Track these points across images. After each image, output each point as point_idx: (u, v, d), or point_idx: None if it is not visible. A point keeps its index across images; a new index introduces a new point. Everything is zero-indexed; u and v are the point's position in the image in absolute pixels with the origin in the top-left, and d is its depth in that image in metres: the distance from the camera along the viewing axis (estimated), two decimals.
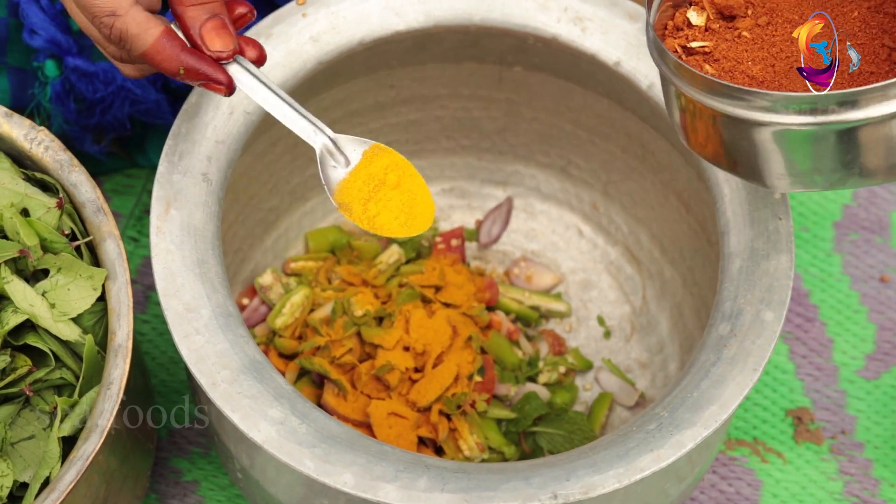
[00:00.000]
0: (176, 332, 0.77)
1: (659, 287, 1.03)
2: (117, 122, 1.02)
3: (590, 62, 0.89)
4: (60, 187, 0.83)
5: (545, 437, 0.96)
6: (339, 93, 0.97)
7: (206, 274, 0.79)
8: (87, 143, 1.03)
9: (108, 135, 1.04)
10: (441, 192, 1.08)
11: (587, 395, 1.01)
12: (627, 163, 1.00)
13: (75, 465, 0.75)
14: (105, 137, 1.04)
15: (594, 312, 1.05)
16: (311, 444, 0.73)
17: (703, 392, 0.76)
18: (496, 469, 0.74)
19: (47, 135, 0.83)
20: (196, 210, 0.81)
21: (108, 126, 1.02)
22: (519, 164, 1.06)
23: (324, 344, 0.94)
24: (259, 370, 0.76)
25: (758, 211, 0.82)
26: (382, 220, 0.76)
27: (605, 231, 1.06)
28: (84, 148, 1.03)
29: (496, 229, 1.07)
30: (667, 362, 1.01)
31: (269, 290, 1.00)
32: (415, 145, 1.05)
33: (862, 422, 1.05)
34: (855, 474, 1.03)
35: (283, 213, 1.03)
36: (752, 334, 0.78)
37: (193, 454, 1.02)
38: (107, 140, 1.05)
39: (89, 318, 0.81)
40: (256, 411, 0.74)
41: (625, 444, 0.74)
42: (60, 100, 0.99)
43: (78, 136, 1.02)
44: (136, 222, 1.11)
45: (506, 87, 0.99)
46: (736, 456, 1.03)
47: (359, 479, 0.72)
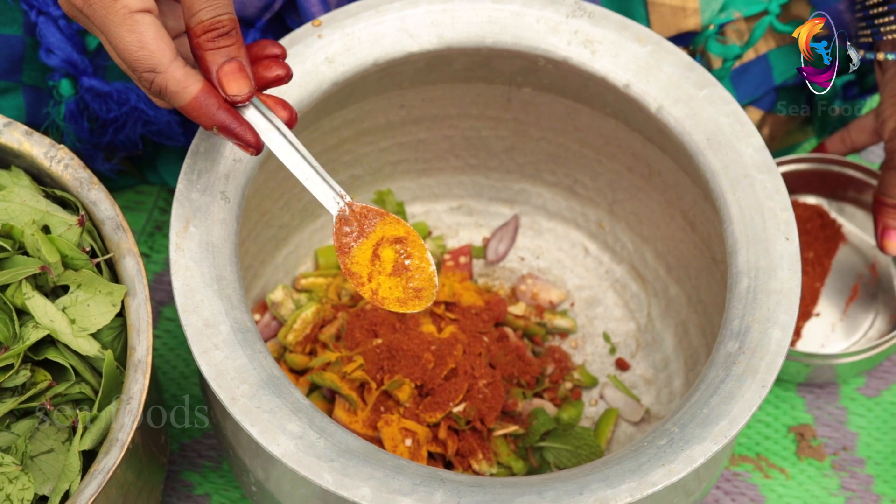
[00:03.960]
0: (195, 347, 0.78)
1: (664, 304, 1.04)
2: (129, 141, 1.03)
3: (599, 84, 0.90)
4: (80, 205, 0.84)
5: (552, 451, 0.97)
6: (351, 112, 0.99)
7: (225, 290, 0.80)
8: (99, 162, 1.04)
9: (119, 153, 1.05)
10: (449, 209, 1.10)
11: (593, 411, 1.03)
12: (633, 182, 1.02)
13: (96, 479, 0.76)
14: (116, 156, 1.06)
15: (600, 329, 1.06)
16: (329, 457, 0.74)
17: (713, 408, 0.77)
18: (510, 483, 0.75)
19: (67, 153, 0.85)
20: (214, 227, 0.82)
21: (120, 145, 1.04)
22: (526, 182, 1.08)
23: (334, 360, 0.95)
24: (277, 385, 0.77)
25: (765, 231, 0.83)
26: (384, 293, 0.77)
27: (610, 249, 1.07)
28: (95, 166, 1.04)
29: (503, 247, 1.09)
30: (671, 379, 1.02)
31: (280, 306, 1.01)
32: (424, 164, 1.07)
33: (863, 438, 1.06)
34: (856, 490, 1.04)
35: (293, 230, 1.04)
36: (760, 352, 0.79)
37: (204, 468, 1.03)
38: (117, 158, 1.06)
39: (108, 333, 0.82)
40: (275, 425, 0.75)
41: (637, 459, 0.75)
42: (74, 119, 1.00)
43: (90, 155, 1.03)
44: (147, 238, 1.12)
45: (514, 107, 1.01)
46: (740, 472, 1.04)
47: (376, 493, 0.73)
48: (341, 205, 0.77)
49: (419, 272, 0.78)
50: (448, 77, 0.97)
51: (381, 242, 0.77)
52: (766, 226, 0.83)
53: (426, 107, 1.01)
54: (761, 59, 1.03)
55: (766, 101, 1.06)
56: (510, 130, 1.04)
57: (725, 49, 1.01)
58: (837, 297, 1.09)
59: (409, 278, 0.78)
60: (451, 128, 1.04)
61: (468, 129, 1.04)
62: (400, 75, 0.95)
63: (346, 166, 1.04)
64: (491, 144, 1.06)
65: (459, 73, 0.97)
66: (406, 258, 0.78)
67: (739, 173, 0.85)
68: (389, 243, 0.78)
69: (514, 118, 1.03)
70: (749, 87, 1.04)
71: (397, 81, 0.96)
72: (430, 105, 1.01)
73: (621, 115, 0.96)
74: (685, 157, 0.89)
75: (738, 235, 0.83)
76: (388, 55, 0.90)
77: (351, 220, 0.77)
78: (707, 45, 1.01)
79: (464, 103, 1.01)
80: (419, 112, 1.02)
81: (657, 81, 0.88)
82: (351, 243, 0.77)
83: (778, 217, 0.84)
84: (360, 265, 0.77)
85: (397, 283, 0.77)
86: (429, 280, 0.77)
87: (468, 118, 1.03)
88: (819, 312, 1.08)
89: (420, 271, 0.78)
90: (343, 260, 0.77)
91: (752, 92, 1.04)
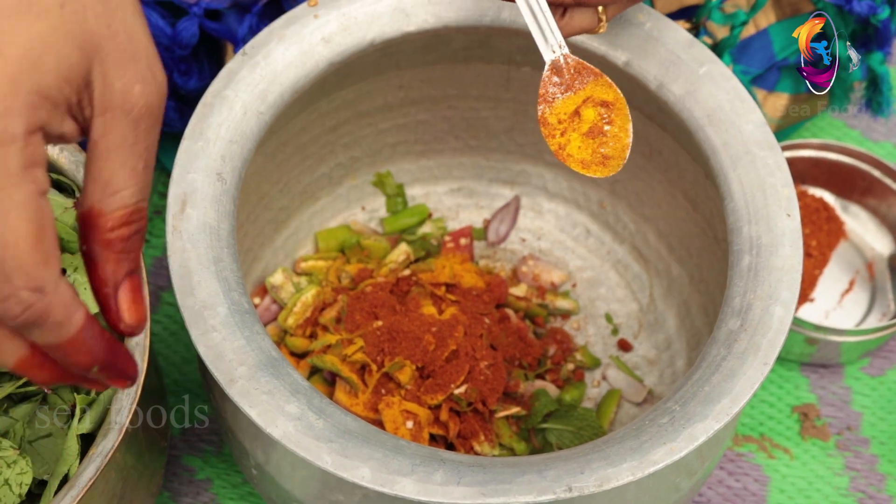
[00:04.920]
0: (193, 329, 0.77)
1: (666, 284, 1.04)
2: None
3: (598, 62, 0.90)
4: (76, 187, 0.83)
5: (555, 433, 0.96)
6: (349, 93, 0.98)
7: (222, 272, 0.80)
8: None
9: None
10: (449, 191, 1.09)
11: (595, 392, 1.02)
12: (634, 161, 1.01)
13: (94, 462, 0.76)
14: None
15: (602, 310, 1.06)
16: (328, 438, 0.74)
17: (715, 386, 0.76)
18: (511, 463, 0.75)
19: None
20: (211, 209, 0.82)
21: None
22: (526, 163, 1.07)
23: (335, 342, 0.95)
24: (275, 366, 0.76)
25: (766, 208, 0.82)
26: (571, 151, 0.76)
27: (612, 229, 1.07)
28: None
29: (504, 228, 1.08)
30: (674, 359, 1.02)
31: (279, 289, 1.01)
32: (423, 145, 1.06)
33: (867, 418, 1.06)
34: (861, 470, 1.04)
35: (293, 212, 1.04)
36: (762, 329, 0.79)
37: (206, 452, 1.02)
38: None
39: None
40: (274, 407, 0.75)
41: (638, 438, 0.75)
42: None
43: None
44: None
45: (514, 86, 1.00)
46: (743, 452, 1.04)
47: (376, 474, 0.73)
48: (558, 54, 0.77)
49: (615, 140, 0.77)
50: (447, 57, 0.97)
51: (587, 102, 0.77)
52: (767, 202, 0.83)
53: (425, 87, 1.01)
54: (762, 35, 1.03)
55: (769, 80, 1.05)
56: (510, 111, 1.03)
57: (731, 17, 1.00)
58: (834, 287, 1.09)
59: (602, 143, 0.77)
60: (451, 109, 1.03)
61: (467, 110, 1.04)
62: (398, 55, 0.95)
63: (345, 148, 1.03)
64: (491, 125, 1.05)
65: (458, 53, 0.96)
66: (607, 123, 0.77)
67: (740, 150, 0.84)
68: (594, 104, 0.77)
69: (513, 98, 1.02)
70: (751, 63, 1.03)
71: (395, 62, 0.96)
72: (429, 86, 1.00)
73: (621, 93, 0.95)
74: (685, 134, 0.88)
75: (740, 212, 0.83)
76: (385, 35, 0.89)
77: (563, 72, 0.77)
78: (711, 16, 1.01)
79: (463, 84, 1.01)
80: (418, 93, 1.01)
81: (656, 59, 0.88)
82: (557, 94, 0.77)
83: (779, 193, 0.83)
84: (559, 117, 0.77)
85: (589, 144, 0.77)
86: (621, 150, 0.77)
87: (467, 99, 1.03)
88: (814, 298, 1.08)
89: (616, 140, 0.77)
90: (543, 108, 0.77)
91: (755, 67, 1.03)
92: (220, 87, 0.85)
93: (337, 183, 1.05)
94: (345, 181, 1.06)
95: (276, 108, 0.86)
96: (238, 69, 0.86)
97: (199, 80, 1.02)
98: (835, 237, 1.10)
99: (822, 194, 1.13)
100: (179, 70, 1.02)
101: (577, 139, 0.77)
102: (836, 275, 1.10)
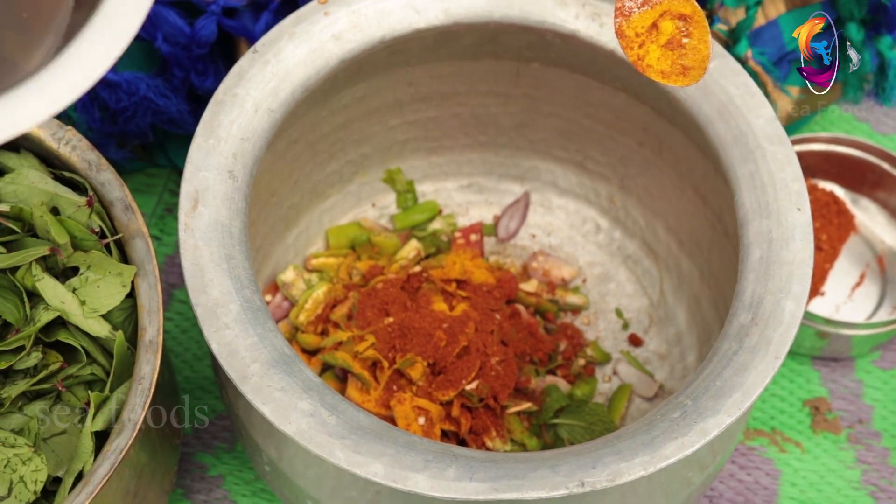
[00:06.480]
0: (206, 326, 0.77)
1: (676, 279, 1.04)
2: (139, 130, 1.03)
3: (608, 57, 0.90)
4: (89, 186, 0.84)
5: (566, 428, 0.97)
6: (359, 90, 0.98)
7: (234, 269, 0.80)
8: (112, 150, 1.04)
9: (131, 142, 1.05)
10: (459, 188, 1.09)
11: (606, 387, 1.02)
12: (644, 156, 1.01)
13: (109, 459, 0.76)
14: (129, 144, 1.05)
15: (612, 305, 1.06)
16: (341, 435, 0.74)
17: (726, 380, 0.76)
18: (523, 458, 0.75)
19: (74, 134, 0.84)
20: (223, 207, 0.82)
21: (130, 134, 1.03)
22: (536, 159, 1.07)
23: (346, 339, 0.95)
24: (288, 363, 0.77)
25: (777, 202, 0.82)
26: (650, 62, 0.76)
27: (622, 225, 1.07)
28: (108, 154, 1.04)
29: (514, 224, 1.08)
30: (685, 354, 1.02)
31: (291, 286, 1.01)
32: (433, 142, 1.06)
33: (879, 411, 1.06)
34: (872, 463, 1.04)
35: (303, 210, 1.04)
36: (773, 323, 0.79)
37: (218, 449, 1.03)
38: (130, 146, 1.06)
39: (118, 314, 0.82)
40: (287, 404, 0.75)
41: (650, 433, 0.75)
42: (85, 108, 1.00)
43: (102, 143, 1.03)
44: (157, 221, 1.12)
45: (523, 83, 1.00)
46: (755, 446, 1.04)
47: (389, 470, 0.73)
48: None
49: (694, 52, 0.77)
50: (456, 53, 0.97)
51: (665, 15, 0.77)
52: (777, 196, 0.83)
53: (435, 84, 1.01)
54: (772, 25, 1.03)
55: (780, 72, 1.05)
56: (519, 107, 1.03)
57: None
58: (844, 280, 1.09)
59: (681, 55, 0.77)
60: (460, 105, 1.04)
61: (477, 107, 1.04)
62: (407, 52, 0.95)
63: (356, 145, 1.03)
64: (500, 121, 1.05)
65: (467, 50, 0.96)
66: (685, 36, 0.77)
67: (750, 144, 0.85)
68: (672, 17, 0.77)
69: (523, 94, 1.02)
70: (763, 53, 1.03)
71: (405, 58, 0.96)
72: (439, 82, 1.01)
73: (631, 88, 0.95)
74: (695, 129, 0.88)
75: (750, 206, 0.83)
76: (395, 32, 0.89)
77: None
78: (724, 1, 1.01)
79: (472, 80, 1.01)
80: (427, 90, 1.01)
81: None
82: (634, 8, 0.77)
83: (790, 188, 0.83)
84: (636, 30, 0.77)
85: (668, 55, 0.77)
86: (701, 61, 0.77)
87: (477, 95, 1.03)
88: (825, 292, 1.08)
89: (695, 52, 0.77)
90: (619, 22, 0.77)
91: (767, 57, 1.03)
92: (232, 84, 0.86)
93: (347, 180, 1.06)
94: (355, 178, 1.06)
95: (286, 105, 0.87)
96: (249, 67, 0.86)
97: (216, 80, 1.03)
98: (845, 231, 1.10)
99: (832, 188, 1.13)
100: (196, 70, 1.02)
101: (657, 51, 0.77)
102: (846, 268, 1.10)
